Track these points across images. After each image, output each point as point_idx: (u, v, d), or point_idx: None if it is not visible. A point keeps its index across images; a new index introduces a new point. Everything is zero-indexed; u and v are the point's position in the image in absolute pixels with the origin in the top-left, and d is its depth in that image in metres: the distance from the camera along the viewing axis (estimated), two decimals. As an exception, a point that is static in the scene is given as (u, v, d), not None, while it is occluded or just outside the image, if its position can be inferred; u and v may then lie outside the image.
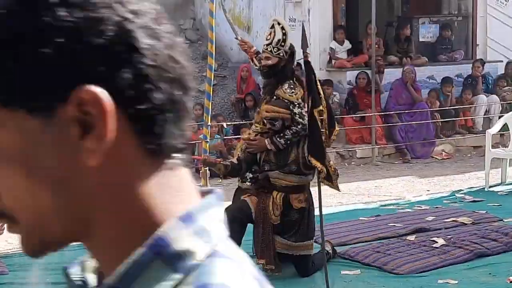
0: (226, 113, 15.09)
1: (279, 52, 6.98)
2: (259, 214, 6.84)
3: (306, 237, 6.95)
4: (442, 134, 14.22)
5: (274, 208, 6.83)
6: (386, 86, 14.25)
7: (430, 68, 14.92)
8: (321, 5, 14.38)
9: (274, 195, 6.85)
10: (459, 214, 9.13)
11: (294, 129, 6.80)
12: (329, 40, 14.51)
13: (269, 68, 7.04)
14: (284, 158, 6.84)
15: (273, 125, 6.82)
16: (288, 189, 6.86)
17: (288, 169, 6.82)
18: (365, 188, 11.26)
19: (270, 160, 6.89)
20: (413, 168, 12.96)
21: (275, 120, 6.80)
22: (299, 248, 6.93)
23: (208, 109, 9.56)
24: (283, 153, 6.85)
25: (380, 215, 9.32)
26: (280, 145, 6.82)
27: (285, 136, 6.81)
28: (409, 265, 7.19)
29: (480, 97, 14.52)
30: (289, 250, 6.93)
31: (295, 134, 6.81)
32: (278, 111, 6.80)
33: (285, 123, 6.81)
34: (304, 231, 6.93)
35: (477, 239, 7.86)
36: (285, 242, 6.90)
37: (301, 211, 6.89)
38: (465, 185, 11.29)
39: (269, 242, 6.84)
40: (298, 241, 6.91)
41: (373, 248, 7.71)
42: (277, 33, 7.01)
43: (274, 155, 6.87)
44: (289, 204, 6.84)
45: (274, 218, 6.83)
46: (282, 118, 6.80)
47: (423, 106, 13.87)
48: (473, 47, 15.60)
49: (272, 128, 6.85)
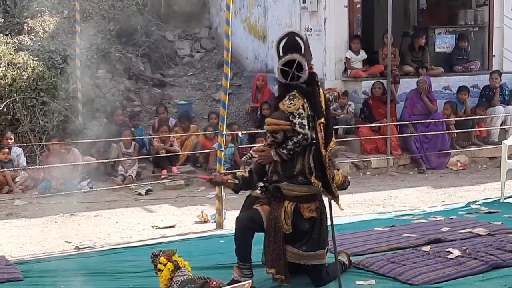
0: (241, 121, 15.11)
1: None
2: (270, 224, 6.82)
3: (318, 246, 6.91)
4: (458, 144, 14.17)
5: (286, 217, 6.82)
6: (402, 96, 14.22)
7: (445, 78, 14.88)
8: (337, 15, 14.37)
9: (285, 205, 6.84)
10: (474, 225, 9.09)
11: (295, 139, 6.80)
12: (345, 50, 14.50)
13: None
14: (290, 169, 6.85)
15: (275, 137, 6.86)
16: (299, 198, 6.84)
17: (296, 180, 6.83)
18: (380, 198, 11.22)
19: (278, 171, 6.89)
20: (428, 179, 12.92)
21: (276, 133, 6.84)
22: (310, 257, 6.89)
23: (223, 118, 9.59)
24: (289, 164, 6.86)
25: (395, 225, 9.29)
26: (283, 155, 6.83)
27: (287, 147, 6.82)
28: (424, 276, 7.14)
29: (497, 108, 14.47)
30: (301, 260, 6.89)
31: (296, 144, 6.81)
32: (278, 123, 6.83)
33: (286, 134, 6.83)
34: (316, 241, 6.89)
35: (493, 251, 7.80)
36: (296, 251, 6.87)
37: (312, 220, 6.86)
38: (481, 196, 11.24)
39: (280, 251, 6.81)
40: (309, 250, 6.87)
41: (388, 259, 7.68)
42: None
43: (280, 166, 6.89)
44: (300, 214, 6.83)
45: (286, 227, 6.81)
46: (283, 129, 6.82)
47: (438, 116, 13.83)
48: (489, 57, 15.54)
49: (274, 141, 6.87)
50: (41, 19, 16.31)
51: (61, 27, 16.26)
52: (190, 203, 11.22)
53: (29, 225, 10.00)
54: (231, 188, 7.15)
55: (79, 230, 9.68)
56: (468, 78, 14.98)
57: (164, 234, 9.43)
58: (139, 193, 11.84)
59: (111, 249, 8.66)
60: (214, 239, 8.99)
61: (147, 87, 16.14)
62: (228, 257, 7.47)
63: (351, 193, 11.03)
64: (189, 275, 6.35)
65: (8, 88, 13.37)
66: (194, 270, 6.82)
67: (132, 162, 12.67)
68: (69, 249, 8.79)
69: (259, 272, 7.05)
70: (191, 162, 13.56)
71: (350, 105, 14.10)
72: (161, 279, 6.37)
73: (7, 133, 12.74)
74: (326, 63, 14.42)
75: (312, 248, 6.87)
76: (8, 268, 7.67)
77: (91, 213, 10.58)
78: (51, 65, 14.35)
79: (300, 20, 15.00)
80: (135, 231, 9.61)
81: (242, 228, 6.83)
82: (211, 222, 9.87)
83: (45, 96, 13.58)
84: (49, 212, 10.68)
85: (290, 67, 6.83)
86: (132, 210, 10.82)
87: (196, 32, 18.53)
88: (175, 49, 17.80)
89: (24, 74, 13.62)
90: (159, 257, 6.40)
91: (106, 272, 7.61)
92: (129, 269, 7.68)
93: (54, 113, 13.55)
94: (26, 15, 16.44)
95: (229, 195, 10.12)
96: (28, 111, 13.38)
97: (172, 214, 10.56)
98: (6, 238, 9.35)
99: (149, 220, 10.18)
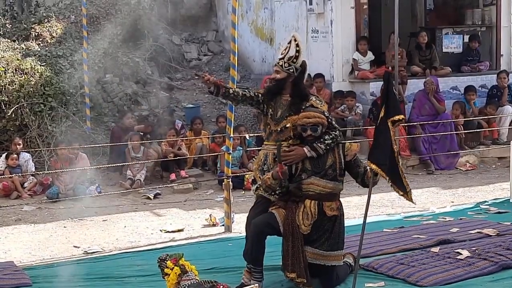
0: (248, 124, 15.09)
1: (290, 68, 7.07)
2: (287, 228, 6.80)
3: (337, 246, 6.92)
4: (466, 145, 14.13)
5: (304, 218, 6.80)
6: (409, 97, 14.20)
7: (453, 78, 14.85)
8: (343, 16, 14.36)
9: (306, 204, 6.82)
10: (484, 225, 9.06)
11: (333, 133, 6.90)
12: (352, 51, 14.48)
13: (278, 82, 7.10)
14: (321, 164, 6.86)
15: (315, 131, 6.83)
16: (322, 196, 6.84)
17: (325, 174, 6.82)
18: (388, 199, 11.19)
19: (307, 168, 6.87)
20: (437, 180, 12.89)
21: (317, 126, 6.82)
22: (329, 257, 6.88)
23: (230, 121, 9.59)
24: (320, 159, 6.87)
25: (404, 226, 9.27)
26: (320, 150, 6.85)
27: (325, 142, 6.87)
28: (433, 277, 7.12)
29: (506, 108, 14.43)
30: (320, 260, 6.88)
31: (334, 139, 6.89)
32: (320, 117, 6.84)
33: (322, 129, 6.85)
34: (335, 240, 6.90)
35: (502, 251, 7.78)
36: (316, 251, 6.85)
37: (333, 219, 6.86)
38: (490, 196, 11.21)
39: (300, 255, 6.79)
40: (328, 250, 6.87)
41: (397, 260, 7.66)
42: (291, 50, 7.10)
43: (310, 162, 6.86)
44: (322, 212, 6.82)
45: (304, 228, 6.80)
46: (322, 123, 6.83)
47: (446, 116, 13.79)
48: (497, 57, 15.51)
49: (312, 135, 6.84)
50: (48, 24, 16.34)
51: (68, 32, 16.29)
52: (198, 206, 11.21)
53: (37, 231, 10.00)
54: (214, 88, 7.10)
55: (88, 235, 9.69)
56: (476, 78, 14.96)
57: (172, 238, 9.43)
58: (147, 197, 11.84)
59: (120, 254, 8.65)
60: (223, 242, 8.97)
61: (154, 91, 16.14)
62: (236, 260, 7.45)
63: (359, 195, 11.02)
64: (196, 279, 6.34)
65: (16, 94, 13.39)
66: (203, 273, 6.81)
67: (140, 166, 12.67)
68: (77, 254, 8.79)
69: (267, 276, 7.04)
70: (199, 165, 13.54)
71: (358, 107, 14.06)
72: (168, 283, 6.36)
73: (16, 138, 12.75)
74: (333, 64, 14.41)
75: (331, 248, 6.88)
76: (16, 273, 7.67)
77: (100, 217, 10.58)
78: (58, 70, 14.38)
79: (307, 22, 15.00)
80: (144, 235, 9.60)
81: (258, 233, 6.81)
82: (219, 226, 9.86)
83: (53, 101, 13.60)
84: (57, 217, 10.69)
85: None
86: (140, 214, 10.81)
87: (203, 35, 18.54)
88: (182, 53, 17.81)
89: (31, 80, 13.64)
90: (166, 261, 6.39)
91: (115, 276, 7.60)
92: (138, 273, 7.68)
93: (62, 118, 13.57)
94: (33, 20, 16.49)
95: (237, 198, 10.13)
96: (36, 117, 13.39)
97: (180, 217, 10.56)
98: (15, 243, 9.35)
99: (158, 224, 10.18)
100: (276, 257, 7.23)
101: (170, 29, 18.07)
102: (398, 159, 6.62)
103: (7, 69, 13.65)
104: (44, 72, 13.89)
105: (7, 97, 13.36)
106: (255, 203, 7.24)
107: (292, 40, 7.14)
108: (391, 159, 6.52)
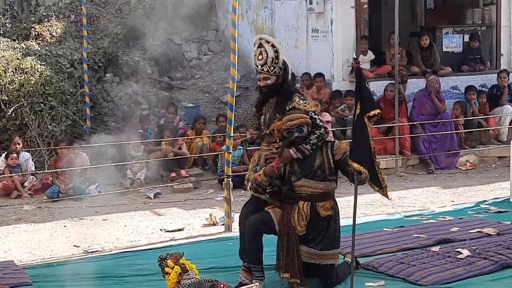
0: (249, 124, 15.07)
1: (275, 70, 7.06)
2: (283, 228, 6.80)
3: (332, 245, 6.90)
4: (466, 144, 14.13)
5: (299, 218, 6.80)
6: (409, 97, 14.18)
7: (454, 78, 14.84)
8: (344, 16, 14.34)
9: (300, 205, 6.81)
10: (484, 224, 9.06)
11: (318, 132, 6.87)
12: (352, 51, 14.47)
13: (269, 87, 7.08)
14: (309, 166, 6.83)
15: (301, 131, 6.81)
16: (314, 197, 6.83)
17: (314, 175, 6.80)
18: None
19: (295, 170, 6.85)
20: (437, 179, 12.88)
21: (302, 127, 6.80)
22: (324, 257, 6.87)
23: (231, 120, 9.59)
24: (308, 160, 6.84)
25: (404, 226, 9.27)
26: (306, 151, 6.83)
27: (310, 142, 6.85)
28: (433, 276, 7.12)
29: (506, 107, 14.43)
30: (316, 259, 6.87)
31: (319, 138, 6.86)
32: (303, 117, 6.82)
33: (308, 128, 6.83)
34: (330, 240, 6.88)
35: (503, 250, 7.78)
36: (311, 251, 6.85)
37: (327, 219, 6.85)
38: (490, 196, 11.21)
39: (294, 255, 6.79)
40: (324, 249, 6.86)
41: (397, 259, 7.66)
42: (269, 52, 7.05)
43: (298, 165, 6.85)
44: (316, 213, 6.81)
45: (300, 229, 6.79)
46: (307, 123, 6.81)
47: (446, 116, 13.78)
48: (497, 56, 15.49)
49: (300, 136, 6.82)
50: (48, 24, 16.34)
51: (68, 31, 16.30)
52: (198, 206, 11.21)
53: (37, 230, 10.00)
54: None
55: (88, 234, 9.69)
56: (476, 78, 14.94)
57: (173, 237, 9.43)
58: (147, 197, 11.84)
59: (120, 253, 8.66)
60: (223, 241, 8.98)
61: (154, 90, 16.13)
62: (236, 260, 7.45)
63: (360, 194, 10.99)
64: (197, 278, 6.34)
65: (16, 93, 13.40)
66: (203, 272, 6.81)
67: (140, 165, 12.67)
68: (77, 253, 8.80)
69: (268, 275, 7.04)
70: (199, 165, 13.55)
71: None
72: (168, 282, 6.37)
73: (15, 138, 12.76)
74: (333, 64, 14.38)
75: (327, 247, 6.86)
76: (17, 273, 7.68)
77: (100, 217, 10.58)
78: (58, 70, 14.38)
79: (307, 22, 14.99)
80: (144, 235, 9.60)
81: (254, 231, 6.81)
82: (219, 225, 9.87)
83: (53, 100, 13.60)
84: (57, 217, 10.70)
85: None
86: (140, 214, 10.82)
87: (203, 35, 18.52)
88: (183, 52, 17.79)
89: (31, 79, 13.64)
90: (166, 260, 6.39)
91: (115, 276, 7.61)
92: (138, 272, 7.68)
93: (62, 117, 13.57)
94: (33, 20, 16.49)
95: (237, 198, 10.12)
96: (36, 116, 13.39)
97: (180, 217, 10.56)
98: (15, 243, 9.36)
99: (158, 223, 10.18)
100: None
101: (170, 29, 18.05)
102: (375, 154, 6.61)
103: (7, 69, 13.65)
104: (44, 71, 13.89)
105: (7, 96, 13.37)
106: (247, 201, 7.27)
107: (262, 42, 7.10)
108: (370, 156, 6.51)
